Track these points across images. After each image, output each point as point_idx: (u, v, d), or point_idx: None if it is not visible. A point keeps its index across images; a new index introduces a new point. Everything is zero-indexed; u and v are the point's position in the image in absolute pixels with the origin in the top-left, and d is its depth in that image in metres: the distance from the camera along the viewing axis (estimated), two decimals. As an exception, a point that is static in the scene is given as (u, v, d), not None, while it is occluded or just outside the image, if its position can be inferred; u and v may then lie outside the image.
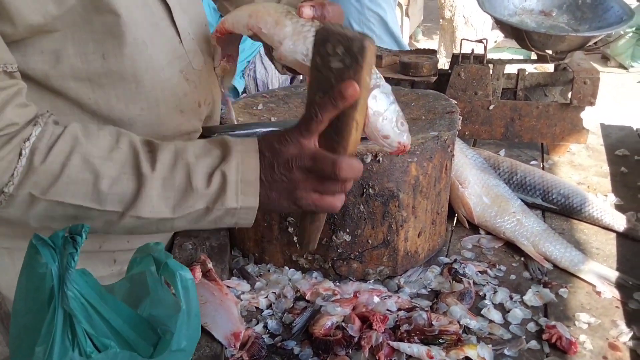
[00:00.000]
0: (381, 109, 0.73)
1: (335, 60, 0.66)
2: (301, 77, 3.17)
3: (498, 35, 6.35)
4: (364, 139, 0.76)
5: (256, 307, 0.94)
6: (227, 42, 0.90)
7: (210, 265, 0.97)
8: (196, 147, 0.74)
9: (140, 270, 0.68)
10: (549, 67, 1.60)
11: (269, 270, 1.03)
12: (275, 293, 0.96)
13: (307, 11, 0.77)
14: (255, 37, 0.82)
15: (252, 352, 0.84)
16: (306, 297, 0.95)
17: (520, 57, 1.67)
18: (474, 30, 5.15)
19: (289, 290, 0.97)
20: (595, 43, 1.47)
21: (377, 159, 0.91)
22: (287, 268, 1.02)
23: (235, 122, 1.04)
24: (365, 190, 0.93)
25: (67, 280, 0.57)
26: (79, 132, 0.71)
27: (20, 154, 0.68)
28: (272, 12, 0.80)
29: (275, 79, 2.88)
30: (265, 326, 0.90)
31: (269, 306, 0.95)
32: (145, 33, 0.79)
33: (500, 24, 1.42)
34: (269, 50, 0.82)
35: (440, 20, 5.36)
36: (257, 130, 0.97)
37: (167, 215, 0.73)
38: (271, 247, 1.02)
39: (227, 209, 0.73)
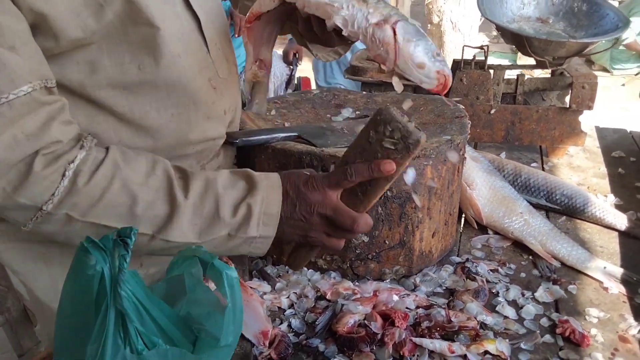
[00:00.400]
0: (411, 36, 0.73)
1: (389, 142, 0.73)
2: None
3: (483, 40, 6.47)
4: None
5: (278, 307, 0.97)
6: (258, 39, 0.93)
7: (232, 266, 0.99)
8: (224, 179, 0.79)
9: (179, 272, 0.70)
10: (534, 73, 1.65)
11: (287, 272, 1.06)
12: (296, 293, 0.99)
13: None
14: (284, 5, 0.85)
15: (279, 350, 0.87)
16: (327, 297, 0.98)
17: (506, 62, 1.73)
18: (462, 35, 5.24)
19: (310, 290, 0.99)
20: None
21: (396, 162, 0.94)
22: (305, 269, 1.05)
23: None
24: (383, 193, 0.96)
25: (120, 281, 0.59)
26: (118, 158, 0.75)
27: (64, 175, 0.70)
28: None
29: (271, 84, 2.92)
30: (289, 325, 0.93)
31: (291, 306, 0.97)
32: (179, 44, 0.82)
33: (502, 31, 1.46)
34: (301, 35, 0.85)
35: (428, 25, 5.43)
36: (276, 135, 1.00)
37: (192, 240, 0.77)
38: (290, 248, 1.05)
39: (247, 237, 0.78)
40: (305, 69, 4.38)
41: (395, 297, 0.96)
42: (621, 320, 0.94)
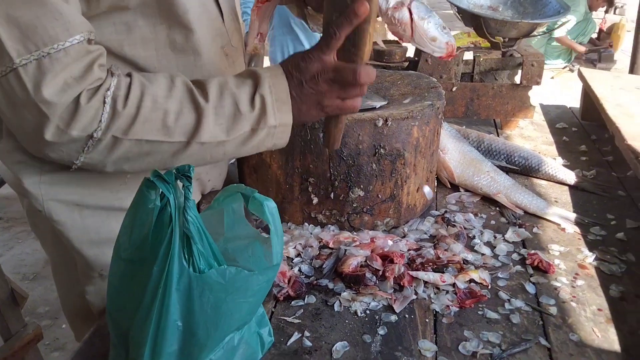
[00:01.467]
0: (423, 14, 0.87)
1: None
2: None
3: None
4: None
5: (287, 257, 1.08)
6: (263, 16, 1.04)
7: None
8: (233, 80, 0.87)
9: (221, 207, 0.80)
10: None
11: (289, 228, 1.17)
12: (301, 244, 1.10)
13: None
14: None
15: (295, 288, 0.98)
16: (329, 245, 1.10)
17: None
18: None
19: (314, 241, 1.11)
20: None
21: (387, 123, 1.08)
22: (307, 224, 1.16)
23: None
24: (377, 150, 1.09)
25: (187, 208, 0.69)
26: (142, 78, 0.83)
27: (105, 102, 0.79)
28: None
29: None
30: (300, 270, 1.04)
31: (298, 255, 1.09)
32: (197, 11, 0.92)
33: (462, 13, 1.63)
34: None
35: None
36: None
37: (222, 137, 0.85)
38: (292, 207, 1.16)
39: (268, 127, 0.86)
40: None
41: (390, 242, 1.09)
42: (578, 252, 1.12)
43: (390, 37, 5.05)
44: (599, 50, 6.13)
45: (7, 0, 0.72)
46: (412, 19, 0.88)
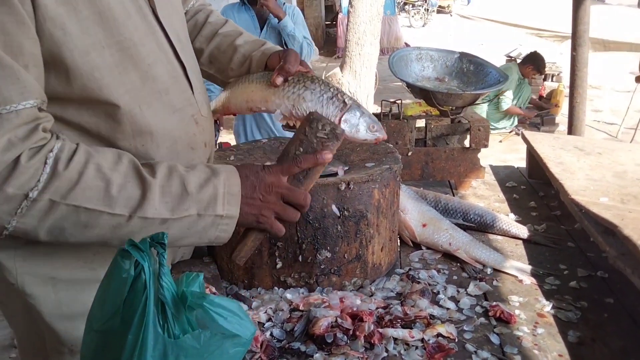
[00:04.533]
0: (351, 127, 1.06)
1: (322, 133, 0.95)
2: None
3: (377, 108, 7.08)
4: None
5: (258, 322, 1.09)
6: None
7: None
8: (182, 166, 0.91)
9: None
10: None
11: (259, 293, 1.19)
12: (272, 308, 1.12)
13: (279, 80, 1.08)
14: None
15: (267, 353, 0.99)
16: (300, 308, 1.12)
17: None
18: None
19: (284, 304, 1.13)
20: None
21: (350, 186, 1.14)
22: (276, 288, 1.18)
23: None
24: (341, 212, 1.14)
25: (162, 274, 0.71)
26: (89, 148, 0.86)
27: (46, 163, 0.80)
28: (257, 92, 1.12)
29: None
30: (271, 334, 1.05)
31: (269, 319, 1.10)
32: (168, 81, 0.99)
33: (411, 87, 1.76)
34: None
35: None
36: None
37: (166, 215, 0.86)
38: (261, 272, 1.18)
39: (215, 216, 0.89)
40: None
41: (359, 301, 1.12)
42: (536, 302, 1.17)
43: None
44: (541, 115, 6.56)
45: None
46: (344, 133, 1.02)
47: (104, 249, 0.98)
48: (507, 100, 6.16)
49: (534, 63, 6.45)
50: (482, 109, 6.10)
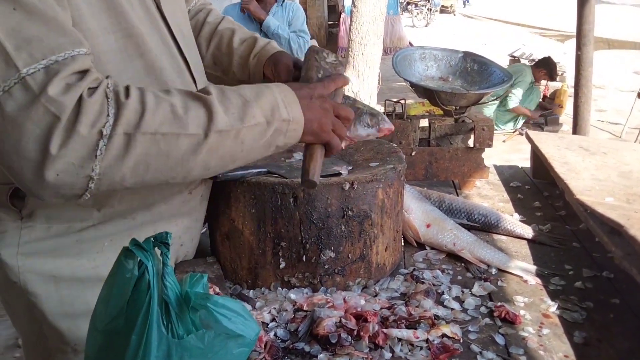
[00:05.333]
0: (354, 128, 1.05)
1: (330, 59, 1.05)
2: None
3: (380, 108, 7.08)
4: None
5: (262, 322, 1.09)
6: None
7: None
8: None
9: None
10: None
11: (263, 293, 1.18)
12: (275, 308, 1.12)
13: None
14: None
15: (271, 353, 0.98)
16: (304, 308, 1.11)
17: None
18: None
19: (288, 305, 1.12)
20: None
21: (354, 186, 1.13)
22: (280, 288, 1.18)
23: None
24: (345, 212, 1.14)
25: (166, 274, 0.71)
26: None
27: (107, 97, 0.79)
28: None
29: None
30: (275, 335, 1.05)
31: (273, 320, 1.09)
32: (172, 74, 1.00)
33: (415, 87, 1.75)
34: None
35: (332, 95, 5.88)
36: (250, 171, 1.16)
37: (238, 125, 0.86)
38: (265, 272, 1.18)
39: (282, 120, 0.90)
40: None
41: (363, 301, 1.12)
42: (541, 302, 1.17)
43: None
44: (545, 115, 6.54)
45: (14, 17, 0.74)
46: (350, 137, 1.05)
47: (108, 247, 0.98)
48: (515, 98, 6.15)
49: (547, 68, 6.46)
50: (490, 110, 6.10)
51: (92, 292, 0.82)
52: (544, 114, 6.60)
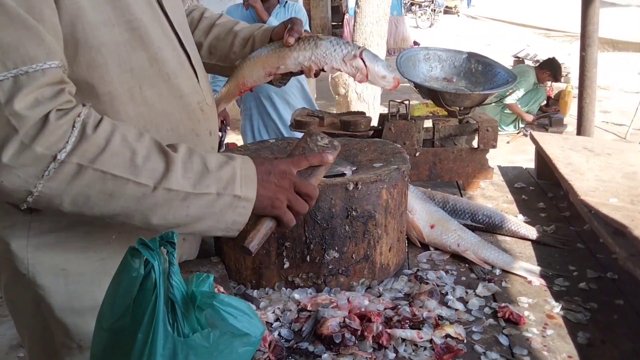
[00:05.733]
0: (372, 59, 1.14)
1: (322, 143, 1.06)
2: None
3: (384, 109, 7.08)
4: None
5: (266, 322, 1.09)
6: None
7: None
8: (200, 151, 0.95)
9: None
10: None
11: (267, 293, 1.19)
12: (280, 308, 1.12)
13: (292, 40, 1.16)
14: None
15: (276, 353, 0.99)
16: (307, 308, 1.12)
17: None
18: (367, 104, 5.73)
19: (292, 305, 1.13)
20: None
21: (358, 186, 1.13)
22: (284, 288, 1.18)
23: None
24: (349, 212, 1.14)
25: (172, 273, 0.71)
26: (113, 121, 0.87)
27: (74, 126, 0.80)
28: (272, 56, 1.19)
29: None
30: (279, 334, 1.05)
31: (277, 319, 1.10)
32: (176, 67, 1.03)
33: (419, 87, 1.75)
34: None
35: (336, 96, 5.89)
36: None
37: (189, 189, 0.87)
38: (268, 272, 1.18)
39: (233, 196, 0.91)
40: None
41: (367, 301, 1.12)
42: (545, 303, 1.17)
43: (354, 108, 5.19)
44: (549, 116, 6.52)
45: None
46: (365, 65, 1.14)
47: (115, 241, 0.99)
48: (513, 95, 6.12)
49: (551, 69, 6.44)
50: (494, 112, 6.09)
51: (100, 288, 0.83)
52: (548, 115, 6.57)
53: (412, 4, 16.49)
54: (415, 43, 10.16)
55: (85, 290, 0.99)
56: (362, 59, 1.14)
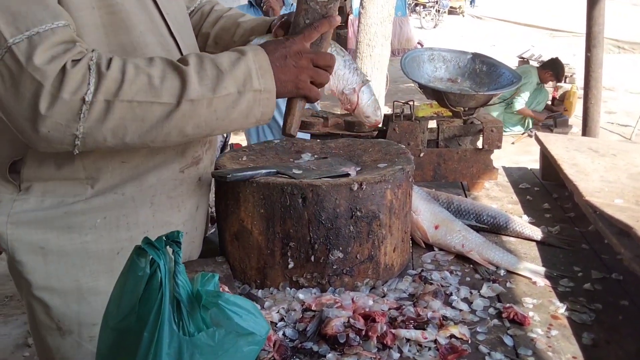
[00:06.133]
0: (366, 99, 1.19)
1: None
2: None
3: (388, 109, 7.08)
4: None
5: (271, 322, 1.09)
6: None
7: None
8: (209, 53, 1.00)
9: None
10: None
11: (271, 293, 1.19)
12: (284, 308, 1.12)
13: (280, 32, 1.17)
14: None
15: (280, 352, 0.99)
16: (312, 308, 1.12)
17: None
18: (371, 105, 5.74)
19: (296, 305, 1.13)
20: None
21: (362, 187, 1.14)
22: (288, 288, 1.18)
23: None
24: (354, 213, 1.14)
25: (178, 272, 0.71)
26: (122, 57, 0.94)
27: (90, 68, 0.88)
28: None
29: None
30: (284, 334, 1.05)
31: (281, 319, 1.10)
32: (158, 53, 1.04)
33: (424, 88, 1.76)
34: None
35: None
36: (259, 171, 1.17)
37: (209, 95, 0.93)
38: (273, 271, 1.19)
39: (254, 91, 0.96)
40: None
41: (371, 302, 1.12)
42: (550, 304, 1.17)
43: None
44: (554, 117, 6.51)
45: None
46: (358, 103, 1.19)
47: (101, 225, 1.03)
48: (521, 100, 6.14)
49: (553, 70, 6.43)
50: (498, 112, 6.08)
51: (82, 271, 0.96)
52: (552, 116, 6.56)
53: (416, 5, 16.48)
54: (419, 43, 10.14)
55: (65, 271, 1.02)
56: (358, 95, 1.17)
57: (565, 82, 7.39)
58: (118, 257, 1.06)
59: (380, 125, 1.80)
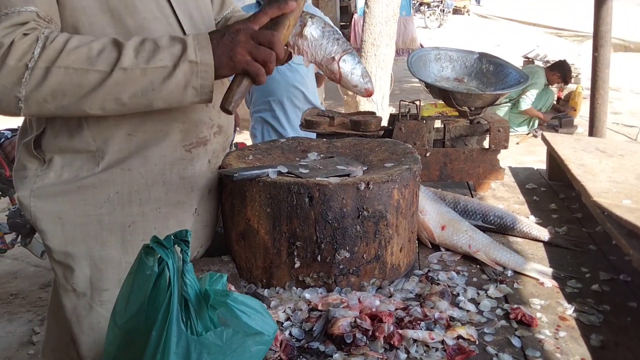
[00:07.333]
0: (349, 67, 1.14)
1: None
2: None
3: (392, 109, 7.07)
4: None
5: (277, 321, 1.09)
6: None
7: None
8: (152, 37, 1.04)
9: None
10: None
11: (278, 292, 1.19)
12: (290, 308, 1.12)
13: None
14: None
15: (287, 352, 0.99)
16: (318, 308, 1.11)
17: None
18: (375, 104, 5.73)
19: (303, 304, 1.13)
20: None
21: (369, 186, 1.13)
22: (295, 288, 1.18)
23: None
24: (360, 212, 1.14)
25: (186, 272, 0.71)
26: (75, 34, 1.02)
27: (37, 39, 0.97)
28: None
29: None
30: (290, 334, 1.05)
31: (287, 319, 1.10)
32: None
33: (430, 87, 1.75)
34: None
35: (344, 96, 5.89)
36: (265, 170, 1.16)
37: (143, 65, 0.98)
38: (279, 271, 1.18)
39: (190, 62, 1.00)
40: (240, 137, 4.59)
41: (378, 302, 1.11)
42: (558, 305, 1.16)
43: (363, 108, 5.17)
44: (559, 117, 6.49)
45: None
46: (340, 72, 1.15)
47: (114, 198, 1.13)
48: (527, 100, 6.12)
49: (561, 72, 6.41)
50: (504, 113, 6.07)
51: (95, 240, 1.09)
52: (559, 116, 6.54)
53: (420, 4, 16.45)
54: (421, 46, 10.13)
55: (80, 239, 1.13)
56: (339, 64, 1.14)
57: (569, 84, 7.36)
58: (129, 229, 1.16)
59: (386, 125, 1.81)
